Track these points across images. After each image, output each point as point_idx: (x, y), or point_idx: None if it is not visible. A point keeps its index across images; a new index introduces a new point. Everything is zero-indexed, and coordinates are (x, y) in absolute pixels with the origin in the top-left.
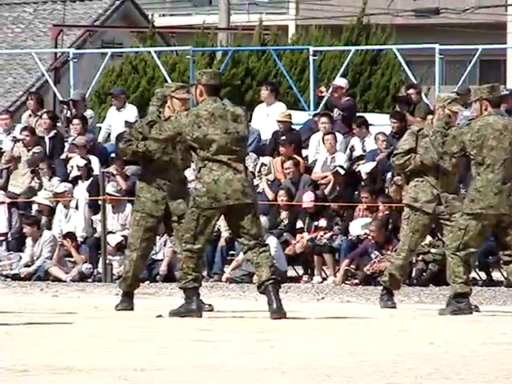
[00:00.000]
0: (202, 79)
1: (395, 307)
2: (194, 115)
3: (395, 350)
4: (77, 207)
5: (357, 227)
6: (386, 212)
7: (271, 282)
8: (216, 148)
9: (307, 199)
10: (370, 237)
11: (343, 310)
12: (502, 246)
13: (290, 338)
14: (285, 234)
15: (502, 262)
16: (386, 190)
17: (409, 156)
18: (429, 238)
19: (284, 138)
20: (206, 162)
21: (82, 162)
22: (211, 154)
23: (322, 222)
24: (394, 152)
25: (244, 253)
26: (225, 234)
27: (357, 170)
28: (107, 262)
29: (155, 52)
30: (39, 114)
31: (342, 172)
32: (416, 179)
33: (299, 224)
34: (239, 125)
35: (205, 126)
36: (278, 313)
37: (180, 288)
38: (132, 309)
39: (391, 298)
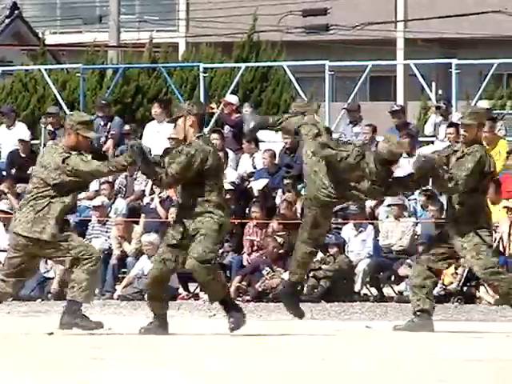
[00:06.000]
0: None
1: None
2: None
3: (286, 366)
4: None
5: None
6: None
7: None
8: None
9: None
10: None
11: None
12: None
13: (180, 354)
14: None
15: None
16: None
17: None
18: (320, 255)
19: None
20: None
21: None
22: None
23: None
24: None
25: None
26: (116, 251)
27: (248, 186)
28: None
29: (45, 70)
30: None
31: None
32: None
33: None
34: None
35: None
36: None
37: None
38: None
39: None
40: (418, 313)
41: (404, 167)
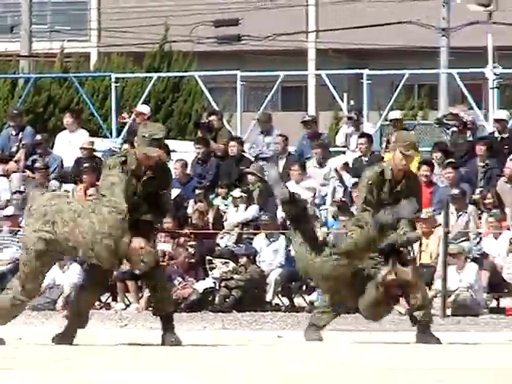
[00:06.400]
0: None
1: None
2: None
3: (193, 369)
4: None
5: None
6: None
7: None
8: None
9: None
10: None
11: (146, 336)
12: None
13: (92, 364)
14: None
15: None
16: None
17: None
18: (232, 265)
19: (87, 165)
20: None
21: None
22: None
23: None
24: None
25: None
26: None
27: None
28: None
29: None
30: None
31: None
32: None
33: None
34: None
35: None
36: None
37: None
38: None
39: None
40: (314, 326)
41: (316, 176)
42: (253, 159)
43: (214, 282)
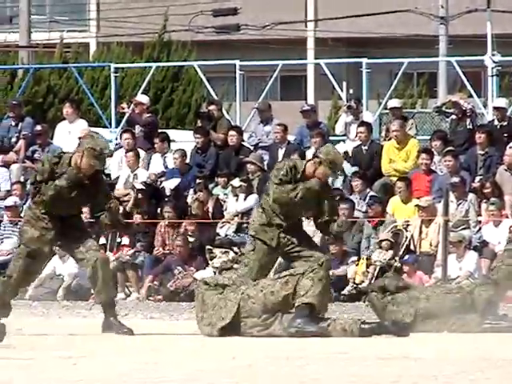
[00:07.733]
0: None
1: None
2: None
3: (199, 365)
4: None
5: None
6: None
7: None
8: None
9: None
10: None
11: (147, 326)
12: None
13: (93, 354)
14: None
15: None
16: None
17: None
18: (231, 254)
19: None
20: None
21: None
22: None
23: (125, 240)
24: None
25: None
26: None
27: (161, 186)
28: None
29: None
30: None
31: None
32: None
33: (102, 240)
34: None
35: None
36: None
37: None
38: None
39: None
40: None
41: None
42: (252, 148)
43: (214, 272)
